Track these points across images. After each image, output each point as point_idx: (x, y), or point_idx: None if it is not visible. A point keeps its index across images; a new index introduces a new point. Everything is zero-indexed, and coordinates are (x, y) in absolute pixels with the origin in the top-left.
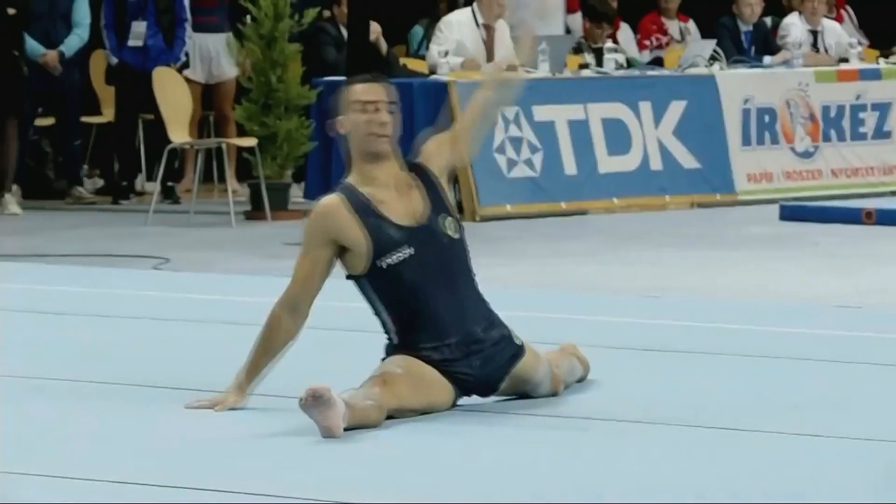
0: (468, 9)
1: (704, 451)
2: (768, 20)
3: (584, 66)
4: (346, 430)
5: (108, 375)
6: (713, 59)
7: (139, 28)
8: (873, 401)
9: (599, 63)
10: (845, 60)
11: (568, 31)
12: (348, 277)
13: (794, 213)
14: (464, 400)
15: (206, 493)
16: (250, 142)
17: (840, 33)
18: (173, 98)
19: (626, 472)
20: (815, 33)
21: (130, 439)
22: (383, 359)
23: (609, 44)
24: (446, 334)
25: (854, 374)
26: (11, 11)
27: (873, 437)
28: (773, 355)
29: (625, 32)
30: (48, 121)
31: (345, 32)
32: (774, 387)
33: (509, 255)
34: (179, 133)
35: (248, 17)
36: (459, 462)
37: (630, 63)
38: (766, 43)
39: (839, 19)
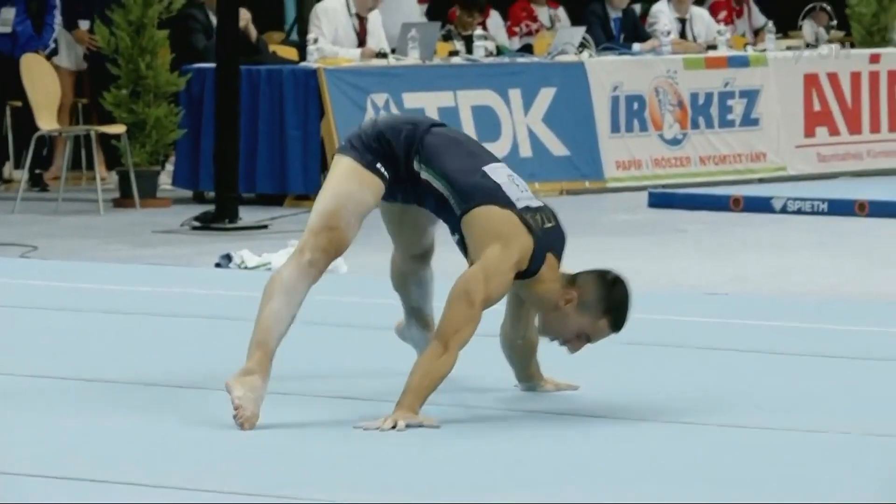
0: None
1: (578, 437)
2: (637, 7)
3: (454, 53)
4: None
5: None
6: (582, 46)
7: (7, 14)
8: (739, 388)
9: (469, 50)
10: (713, 48)
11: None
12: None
13: (662, 200)
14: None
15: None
16: (119, 129)
17: (708, 21)
18: (41, 85)
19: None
20: (683, 21)
21: (20, 431)
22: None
23: (479, 31)
24: None
25: (722, 361)
26: None
27: (740, 425)
28: (642, 342)
29: (494, 19)
30: None
31: (214, 19)
32: (643, 374)
33: (379, 242)
34: (48, 120)
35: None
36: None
37: (500, 50)
38: (635, 30)
39: (739, 13)
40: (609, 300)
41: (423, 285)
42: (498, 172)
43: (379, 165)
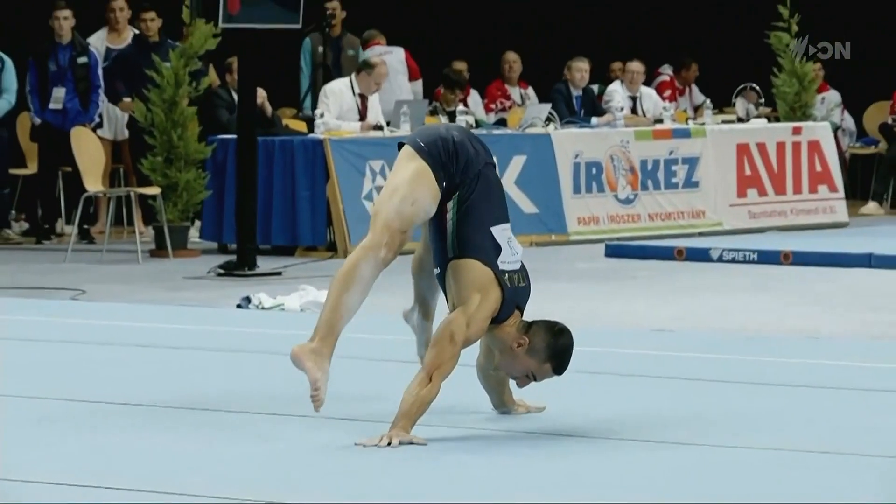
0: (346, 79)
1: (546, 452)
2: (595, 87)
3: None
4: None
5: (39, 391)
6: (549, 120)
7: (59, 93)
8: (686, 410)
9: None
10: (660, 121)
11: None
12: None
13: (617, 250)
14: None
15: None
16: (154, 190)
17: (655, 99)
18: (88, 153)
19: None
20: (634, 98)
21: (69, 447)
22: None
23: (460, 107)
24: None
25: (670, 388)
26: None
27: (688, 442)
28: (600, 372)
29: (474, 97)
30: None
31: (236, 97)
32: (601, 399)
33: (384, 285)
34: (94, 183)
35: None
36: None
37: (478, 123)
38: (593, 107)
39: (682, 92)
40: (554, 348)
41: (434, 281)
42: (501, 235)
43: (444, 182)
